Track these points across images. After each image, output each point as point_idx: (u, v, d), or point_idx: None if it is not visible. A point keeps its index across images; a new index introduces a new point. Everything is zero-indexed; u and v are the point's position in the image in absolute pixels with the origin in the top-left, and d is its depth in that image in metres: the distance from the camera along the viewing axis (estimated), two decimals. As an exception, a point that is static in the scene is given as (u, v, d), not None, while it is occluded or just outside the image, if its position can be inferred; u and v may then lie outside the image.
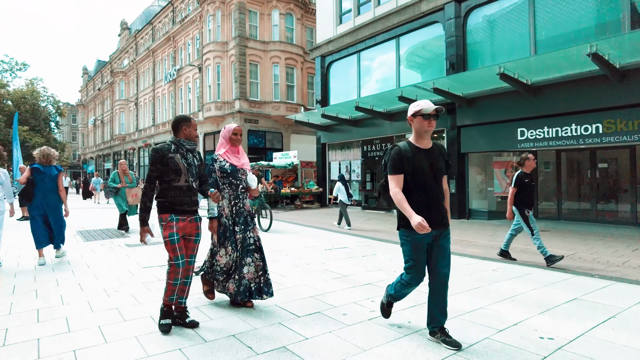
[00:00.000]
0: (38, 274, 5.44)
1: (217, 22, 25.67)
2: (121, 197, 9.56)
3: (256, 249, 4.01)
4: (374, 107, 15.13)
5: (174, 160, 3.37)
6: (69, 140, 67.51)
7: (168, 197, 3.36)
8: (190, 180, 3.44)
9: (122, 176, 9.67)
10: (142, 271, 5.53)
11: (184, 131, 3.51)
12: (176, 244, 3.35)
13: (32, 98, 42.56)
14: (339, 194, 11.17)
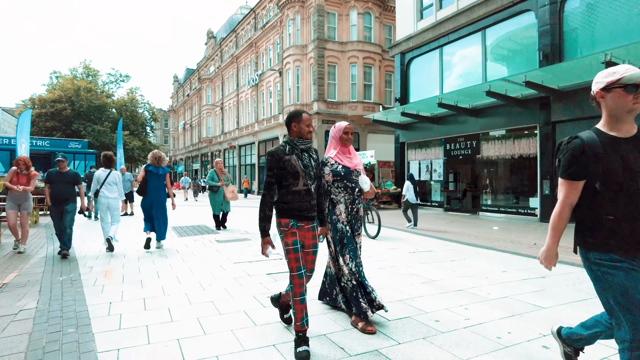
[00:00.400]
0: (141, 266, 5.92)
1: (296, 26, 26.32)
2: (218, 196, 9.84)
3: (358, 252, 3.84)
4: (458, 103, 14.44)
5: (291, 162, 3.02)
6: (161, 142, 73.64)
7: (287, 201, 3.06)
8: (308, 184, 3.08)
9: (220, 174, 9.93)
10: (232, 266, 5.79)
11: (293, 129, 3.15)
12: (299, 252, 3.06)
13: (131, 105, 47.28)
14: (407, 193, 11.17)
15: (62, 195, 6.65)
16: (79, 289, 4.63)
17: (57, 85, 43.94)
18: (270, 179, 3.04)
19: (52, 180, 6.68)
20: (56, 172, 6.73)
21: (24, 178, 6.98)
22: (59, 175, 6.70)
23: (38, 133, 39.91)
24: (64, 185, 6.69)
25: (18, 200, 6.98)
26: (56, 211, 6.66)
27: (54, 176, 6.69)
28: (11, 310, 3.98)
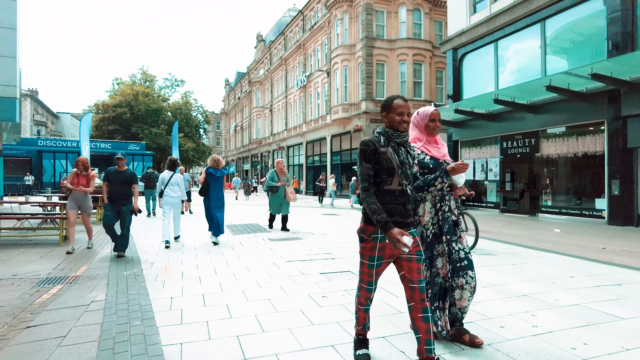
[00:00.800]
0: (199, 263, 6.11)
1: (344, 26, 26.27)
2: (278, 197, 9.56)
3: (469, 264, 3.08)
4: (516, 99, 13.75)
5: (386, 156, 2.56)
6: (214, 144, 76.32)
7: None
8: (403, 183, 2.59)
9: (280, 174, 9.67)
10: (286, 265, 5.83)
11: (384, 119, 2.71)
12: (374, 269, 2.65)
13: (186, 109, 49.38)
14: None
15: (119, 194, 6.60)
16: (142, 283, 4.83)
17: (118, 91, 46.78)
18: (368, 170, 2.56)
19: (109, 179, 6.68)
20: (114, 171, 6.72)
21: (83, 179, 7.11)
22: (117, 174, 6.68)
23: (101, 136, 42.70)
24: (121, 184, 6.65)
25: (78, 201, 7.10)
26: (113, 210, 6.57)
27: (112, 174, 6.68)
28: (84, 301, 4.22)
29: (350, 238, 8.61)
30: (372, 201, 2.51)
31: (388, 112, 2.67)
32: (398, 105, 2.63)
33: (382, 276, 5.12)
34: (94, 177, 7.27)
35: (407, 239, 2.37)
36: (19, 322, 3.72)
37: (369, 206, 2.50)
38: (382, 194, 2.58)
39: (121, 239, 6.57)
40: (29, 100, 52.39)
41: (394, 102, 2.65)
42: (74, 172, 7.14)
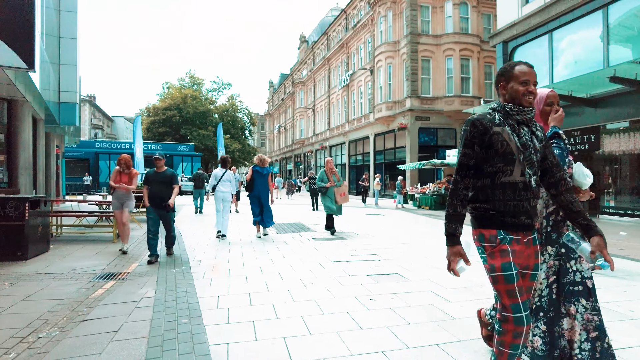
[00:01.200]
0: (245, 261, 6.13)
1: (388, 23, 25.85)
2: (329, 198, 9.03)
3: (585, 290, 2.39)
4: (573, 93, 12.88)
5: (502, 137, 1.98)
6: (258, 145, 77.77)
7: (492, 200, 2.01)
8: (527, 173, 1.99)
9: (330, 174, 9.19)
10: (331, 265, 5.73)
11: (501, 90, 2.13)
12: (515, 282, 1.96)
13: (232, 111, 50.71)
14: None
15: (159, 196, 6.30)
16: (190, 281, 4.90)
17: (168, 94, 48.76)
18: (467, 160, 2.03)
19: (149, 181, 6.42)
20: (153, 172, 6.47)
21: (125, 177, 7.02)
22: (156, 175, 6.42)
23: (152, 138, 44.65)
24: (161, 185, 6.37)
25: (121, 198, 7.01)
26: (155, 213, 6.34)
27: (151, 176, 6.43)
28: (135, 297, 4.32)
29: (396, 239, 8.38)
30: (454, 203, 2.03)
31: (507, 81, 2.08)
32: (521, 72, 2.04)
33: (430, 278, 4.93)
34: (136, 175, 7.14)
35: (462, 265, 2.00)
36: (77, 315, 3.86)
37: (449, 208, 2.04)
38: (500, 188, 1.99)
39: (168, 239, 6.60)
40: (88, 105, 55.75)
41: (516, 69, 2.06)
42: (116, 170, 7.09)
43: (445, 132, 24.73)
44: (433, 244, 7.76)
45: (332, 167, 9.37)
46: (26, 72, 8.15)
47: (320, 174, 9.28)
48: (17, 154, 10.45)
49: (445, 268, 2.51)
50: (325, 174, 9.20)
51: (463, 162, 2.05)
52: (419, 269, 5.48)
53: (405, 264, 5.74)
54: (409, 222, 11.98)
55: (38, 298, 4.35)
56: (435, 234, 9.34)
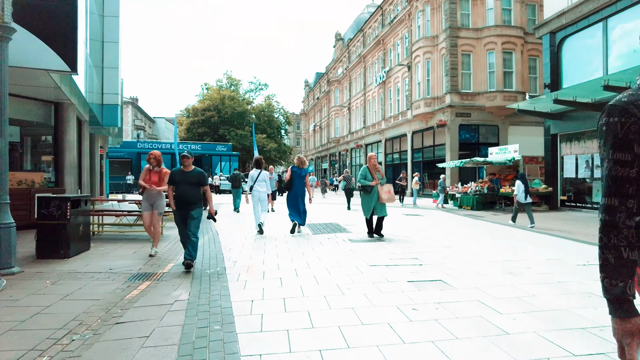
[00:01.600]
0: (280, 262, 5.97)
1: (426, 17, 25.14)
2: (372, 197, 8.16)
3: None
4: (631, 84, 11.91)
5: None
6: (294, 144, 78.19)
7: None
8: None
9: (373, 171, 8.25)
10: (369, 269, 5.45)
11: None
12: None
13: (268, 111, 51.24)
14: (517, 193, 11.34)
15: (186, 197, 5.61)
16: (224, 283, 4.78)
17: (206, 95, 49.88)
18: (624, 170, 1.27)
19: (175, 181, 5.76)
20: (179, 172, 5.79)
21: (155, 176, 6.61)
22: (182, 175, 5.73)
23: (192, 138, 45.81)
24: (188, 186, 5.68)
25: (151, 199, 6.64)
26: (180, 216, 5.68)
27: (177, 176, 5.76)
28: (168, 300, 4.24)
29: (438, 242, 7.98)
30: (616, 241, 1.25)
31: None
32: None
33: (478, 286, 4.57)
34: (167, 173, 6.54)
35: None
36: (110, 317, 3.81)
37: (605, 252, 1.27)
38: None
39: (190, 247, 5.61)
40: (130, 107, 57.95)
41: None
42: (146, 169, 6.65)
43: (487, 129, 23.75)
44: (477, 248, 7.31)
45: (376, 164, 8.46)
46: (69, 75, 8.40)
47: (362, 171, 8.39)
48: (63, 154, 10.83)
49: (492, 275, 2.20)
50: (368, 170, 8.33)
51: (619, 175, 1.27)
52: (465, 275, 5.11)
53: (449, 270, 5.38)
54: (451, 224, 11.48)
55: (75, 298, 4.36)
56: (480, 237, 8.85)
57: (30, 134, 11.11)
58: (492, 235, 9.12)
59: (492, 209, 16.50)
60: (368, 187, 8.15)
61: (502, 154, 18.26)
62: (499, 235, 9.16)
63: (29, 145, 11.50)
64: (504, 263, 5.86)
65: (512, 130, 23.44)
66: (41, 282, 4.97)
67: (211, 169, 37.70)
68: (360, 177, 8.36)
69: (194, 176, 5.77)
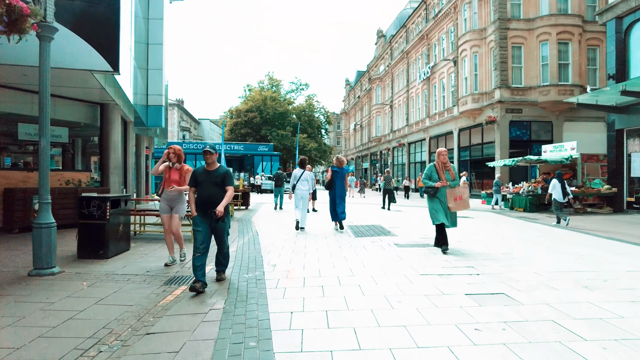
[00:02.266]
0: (322, 268, 5.58)
1: (473, 9, 23.99)
2: (439, 200, 6.73)
3: None
4: None
5: None
6: (334, 144, 77.87)
7: None
8: None
9: (442, 170, 6.82)
10: (419, 279, 4.94)
11: None
12: None
13: (309, 111, 51.22)
14: (554, 192, 11.21)
15: (210, 201, 4.74)
16: (263, 290, 4.45)
17: (249, 96, 50.56)
18: None
19: (197, 181, 4.86)
20: (202, 171, 4.91)
21: (176, 173, 5.85)
22: (206, 175, 4.85)
23: (235, 139, 46.58)
24: (212, 187, 4.80)
25: (171, 201, 5.86)
26: (204, 223, 4.73)
27: (199, 175, 4.87)
28: (203, 308, 3.96)
29: (493, 248, 7.30)
30: None
31: None
32: None
33: (549, 301, 3.96)
34: (189, 171, 5.75)
35: None
36: (142, 325, 3.57)
37: None
38: None
39: (220, 256, 5.06)
40: (176, 108, 59.80)
41: None
42: (165, 166, 5.87)
43: (539, 126, 22.28)
44: (539, 255, 6.58)
45: (446, 161, 6.90)
46: (112, 75, 8.46)
47: (427, 170, 6.98)
48: (108, 154, 11.02)
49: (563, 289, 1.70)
50: (435, 169, 6.88)
51: None
52: (531, 288, 4.49)
53: (511, 282, 4.77)
54: (504, 227, 10.65)
55: (109, 302, 4.18)
56: (538, 242, 8.05)
57: (78, 135, 11.42)
58: (552, 239, 8.29)
59: (546, 211, 15.33)
60: (431, 189, 6.73)
61: (557, 152, 17.00)
62: (559, 239, 8.31)
63: (81, 146, 11.84)
64: (574, 274, 5.16)
65: (567, 126, 21.88)
66: (78, 283, 4.87)
67: (253, 168, 38.09)
68: (425, 177, 6.97)
69: (219, 176, 4.86)
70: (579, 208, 15.13)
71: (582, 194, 15.21)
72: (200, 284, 4.46)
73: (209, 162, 4.88)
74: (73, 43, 7.37)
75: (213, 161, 4.92)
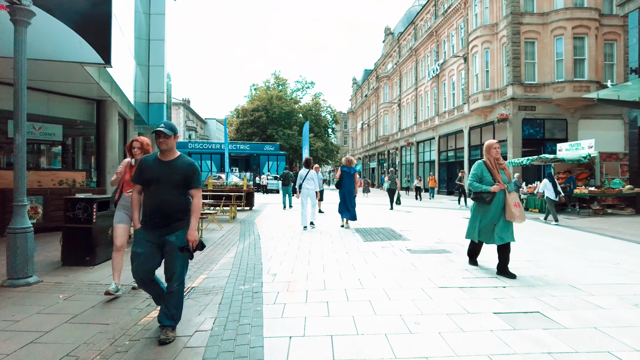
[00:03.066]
0: (327, 278, 5.00)
1: (484, 4, 23.29)
2: (489, 210, 5.13)
3: None
4: None
5: None
6: (341, 143, 77.20)
7: None
8: None
9: (495, 169, 5.18)
10: (439, 293, 4.31)
11: None
12: None
13: (315, 110, 50.66)
14: (546, 191, 11.66)
15: (162, 208, 3.24)
16: (259, 307, 3.89)
17: (255, 96, 50.12)
18: None
19: (144, 177, 3.31)
20: (154, 161, 3.33)
21: None
22: (159, 168, 3.29)
23: (241, 138, 46.18)
24: (168, 187, 3.25)
25: (130, 209, 4.49)
26: (149, 242, 3.25)
27: (148, 168, 3.31)
28: (188, 329, 3.41)
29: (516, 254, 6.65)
30: None
31: None
32: None
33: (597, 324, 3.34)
34: None
35: None
36: (114, 351, 3.03)
37: None
38: None
39: (168, 300, 3.28)
40: (182, 108, 59.54)
41: None
42: (126, 163, 4.57)
43: (553, 123, 21.50)
44: (571, 263, 5.92)
45: (498, 156, 5.31)
46: (104, 68, 7.95)
47: (476, 168, 5.34)
48: (104, 153, 10.54)
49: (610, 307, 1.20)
50: (486, 167, 5.25)
51: None
52: (570, 305, 3.86)
53: (546, 297, 4.14)
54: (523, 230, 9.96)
55: (83, 320, 3.65)
56: (564, 247, 7.39)
57: (74, 133, 10.93)
58: (578, 244, 7.61)
59: (563, 212, 14.62)
60: (487, 195, 5.07)
61: (573, 151, 16.26)
62: (586, 244, 7.63)
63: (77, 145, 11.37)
64: (616, 287, 4.52)
65: (582, 124, 21.10)
66: (55, 296, 4.34)
67: (259, 168, 37.58)
68: (472, 178, 5.29)
69: (180, 171, 3.29)
70: (597, 209, 14.39)
71: (602, 194, 14.46)
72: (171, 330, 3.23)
73: (163, 148, 3.29)
74: (62, 34, 6.89)
75: (170, 148, 3.32)
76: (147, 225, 3.29)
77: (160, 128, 3.26)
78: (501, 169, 5.23)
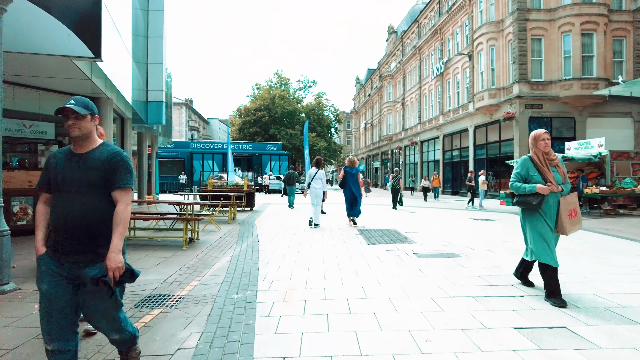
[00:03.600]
0: (327, 286, 4.61)
1: (489, 1, 22.89)
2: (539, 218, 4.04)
3: None
4: None
5: None
6: (344, 143, 76.82)
7: None
8: None
9: (546, 165, 4.09)
10: (451, 304, 3.90)
11: None
12: None
13: (318, 109, 50.32)
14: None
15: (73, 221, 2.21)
16: (251, 320, 3.50)
17: (257, 95, 49.83)
18: None
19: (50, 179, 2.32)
20: (65, 155, 2.35)
21: None
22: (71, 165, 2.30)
23: (244, 138, 45.89)
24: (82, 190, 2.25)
25: None
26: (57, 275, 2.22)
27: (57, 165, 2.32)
28: (170, 346, 3.03)
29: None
30: None
31: None
32: None
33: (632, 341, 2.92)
34: None
35: None
36: (85, 374, 2.65)
37: None
38: None
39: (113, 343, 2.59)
40: (184, 108, 59.26)
41: None
42: None
43: (561, 122, 21.04)
44: (592, 269, 5.48)
45: (550, 151, 4.19)
46: (95, 62, 7.60)
47: (520, 167, 4.21)
48: (98, 152, 10.18)
49: None
50: (532, 165, 4.16)
51: None
52: (600, 320, 3.44)
53: (569, 308, 3.72)
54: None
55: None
56: (580, 250, 6.96)
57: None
58: (595, 247, 7.18)
59: (574, 213, 14.16)
60: (532, 197, 4.00)
61: (583, 149, 15.79)
62: (603, 247, 7.19)
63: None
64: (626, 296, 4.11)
65: (591, 122, 20.63)
66: (29, 306, 3.98)
67: (261, 168, 37.24)
68: (515, 178, 4.21)
69: (98, 165, 2.30)
70: (609, 209, 13.94)
71: (613, 194, 13.99)
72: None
73: (74, 134, 2.29)
74: (49, 26, 6.53)
75: (85, 135, 2.32)
76: (55, 249, 2.24)
77: (68, 104, 2.24)
78: (553, 166, 4.11)
